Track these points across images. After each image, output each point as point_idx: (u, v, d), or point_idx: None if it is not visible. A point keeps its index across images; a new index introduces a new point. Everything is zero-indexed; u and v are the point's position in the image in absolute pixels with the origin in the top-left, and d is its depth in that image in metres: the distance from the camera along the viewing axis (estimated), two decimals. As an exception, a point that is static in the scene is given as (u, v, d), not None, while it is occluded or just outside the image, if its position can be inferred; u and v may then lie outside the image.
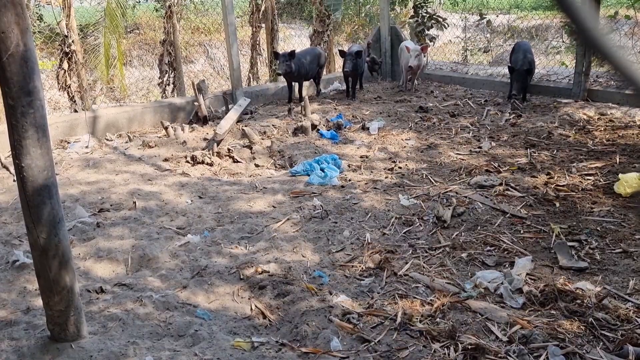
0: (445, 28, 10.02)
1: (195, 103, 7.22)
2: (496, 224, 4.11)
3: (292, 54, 7.63)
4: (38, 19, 12.97)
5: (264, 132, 6.72)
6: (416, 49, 8.09)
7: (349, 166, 5.60)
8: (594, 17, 0.67)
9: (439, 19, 9.78)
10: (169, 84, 10.82)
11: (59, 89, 9.06)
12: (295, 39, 15.52)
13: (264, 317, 3.18)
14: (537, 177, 4.93)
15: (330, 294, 3.27)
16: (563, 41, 10.55)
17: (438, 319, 2.96)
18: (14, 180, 5.17)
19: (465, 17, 12.89)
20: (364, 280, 3.46)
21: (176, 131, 6.77)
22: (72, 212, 4.61)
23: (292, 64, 7.58)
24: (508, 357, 2.59)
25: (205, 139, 6.62)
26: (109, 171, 5.74)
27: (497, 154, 5.65)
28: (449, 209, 4.30)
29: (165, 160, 6.09)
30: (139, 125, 7.27)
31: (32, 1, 12.49)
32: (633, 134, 5.91)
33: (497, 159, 5.48)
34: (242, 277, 3.55)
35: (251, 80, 11.72)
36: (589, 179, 4.80)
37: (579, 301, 3.02)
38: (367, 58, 9.30)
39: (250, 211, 4.63)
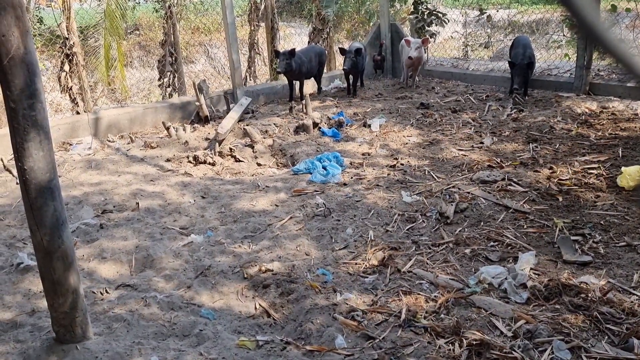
0: (446, 24, 9.99)
1: (197, 103, 7.22)
2: (499, 219, 4.11)
3: (292, 52, 7.61)
4: (38, 22, 12.97)
5: (266, 131, 6.72)
6: (417, 41, 8.11)
7: (351, 164, 5.60)
8: (594, 10, 0.67)
9: (439, 14, 9.75)
10: (169, 85, 10.83)
11: (61, 91, 9.07)
12: (295, 37, 15.51)
13: (269, 315, 3.18)
14: (540, 172, 4.92)
15: (334, 291, 3.28)
16: (564, 35, 10.51)
17: (442, 315, 2.96)
18: (17, 183, 5.19)
19: (466, 12, 12.86)
20: (367, 277, 3.46)
21: (178, 131, 6.78)
22: (75, 214, 4.62)
23: (292, 62, 7.57)
24: (513, 352, 2.58)
25: (207, 139, 6.63)
26: (111, 172, 5.75)
27: (499, 149, 5.64)
28: (452, 205, 4.29)
29: (168, 160, 6.10)
30: (141, 126, 7.27)
31: (31, 4, 12.49)
32: (635, 127, 5.89)
33: (499, 154, 5.47)
34: (246, 276, 3.55)
35: (248, 79, 11.71)
36: (592, 173, 4.79)
37: (583, 295, 3.01)
38: (378, 56, 9.32)
39: (253, 210, 4.64)
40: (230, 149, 6.23)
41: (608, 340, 2.68)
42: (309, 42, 10.80)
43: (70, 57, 8.64)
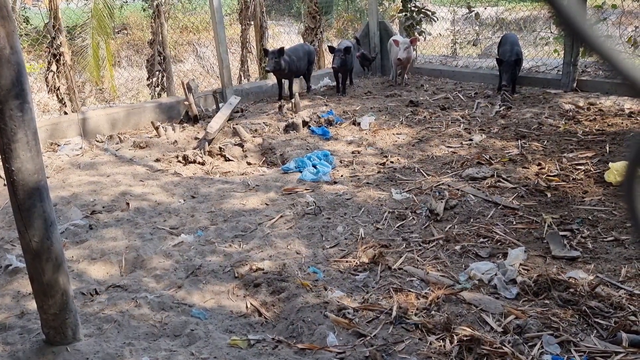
0: (435, 22, 10.01)
1: (186, 102, 7.19)
2: (489, 216, 4.13)
3: (281, 51, 7.60)
4: (24, 21, 12.85)
5: (255, 130, 6.71)
6: (405, 41, 8.10)
7: (340, 162, 5.60)
8: (580, 8, 0.68)
9: (428, 12, 9.77)
10: (158, 84, 10.77)
11: (48, 92, 8.99)
12: (284, 35, 15.48)
13: (260, 314, 3.18)
14: (528, 168, 4.96)
15: (325, 289, 3.28)
16: (551, 32, 10.57)
17: (433, 312, 2.97)
18: (4, 184, 5.14)
19: (454, 10, 12.90)
20: (358, 275, 3.47)
21: (167, 131, 6.75)
22: (64, 215, 4.59)
23: (281, 61, 7.56)
24: (503, 347, 2.60)
25: (196, 138, 6.61)
26: (100, 173, 5.71)
27: (488, 146, 5.67)
28: (442, 202, 4.31)
29: (157, 160, 6.07)
30: (129, 126, 7.23)
31: (17, 3, 12.37)
32: (622, 122, 5.94)
33: (488, 151, 5.50)
34: (236, 275, 3.55)
35: (242, 78, 11.69)
36: (580, 169, 4.83)
37: (572, 290, 3.04)
38: (357, 53, 9.27)
39: (243, 209, 4.63)
40: (220, 148, 6.22)
41: (597, 334, 2.71)
42: (304, 41, 10.78)
43: (58, 57, 8.57)
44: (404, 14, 9.79)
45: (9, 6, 2.35)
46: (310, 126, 6.70)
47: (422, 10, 9.75)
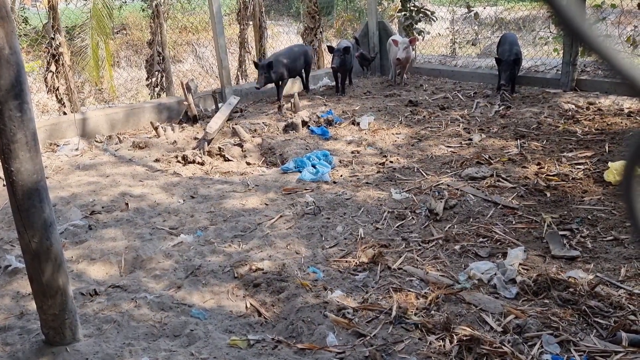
0: (434, 21, 10.01)
1: (185, 102, 7.19)
2: (488, 215, 4.13)
3: (270, 65, 7.41)
4: (23, 22, 12.84)
5: (255, 130, 6.71)
6: (404, 41, 8.10)
7: (340, 162, 5.60)
8: (579, 7, 0.68)
9: (427, 12, 9.77)
10: (157, 85, 10.76)
11: (47, 92, 9.00)
12: (283, 35, 15.47)
13: (259, 314, 3.18)
14: (528, 168, 4.96)
15: (325, 289, 3.28)
16: (550, 31, 10.58)
17: (433, 312, 2.97)
18: (3, 185, 5.14)
19: (453, 10, 12.90)
20: (358, 275, 3.47)
21: (166, 131, 6.75)
22: (63, 215, 4.58)
23: (271, 74, 7.44)
24: (503, 347, 2.60)
25: (195, 138, 6.61)
26: (99, 173, 5.71)
27: (487, 146, 5.67)
28: (441, 201, 4.31)
29: (156, 160, 6.07)
30: (129, 126, 7.24)
31: (16, 4, 12.36)
32: (621, 122, 5.94)
33: (488, 151, 5.50)
34: (236, 275, 3.55)
35: (240, 78, 11.69)
36: (579, 168, 4.83)
37: (571, 289, 3.04)
38: (356, 53, 9.26)
39: (243, 209, 4.63)
40: (219, 148, 6.22)
41: (596, 334, 2.71)
42: (303, 41, 10.78)
43: (57, 58, 8.57)
44: (403, 13, 9.79)
45: (7, 6, 2.34)
46: (309, 126, 6.70)
47: (421, 9, 9.75)
